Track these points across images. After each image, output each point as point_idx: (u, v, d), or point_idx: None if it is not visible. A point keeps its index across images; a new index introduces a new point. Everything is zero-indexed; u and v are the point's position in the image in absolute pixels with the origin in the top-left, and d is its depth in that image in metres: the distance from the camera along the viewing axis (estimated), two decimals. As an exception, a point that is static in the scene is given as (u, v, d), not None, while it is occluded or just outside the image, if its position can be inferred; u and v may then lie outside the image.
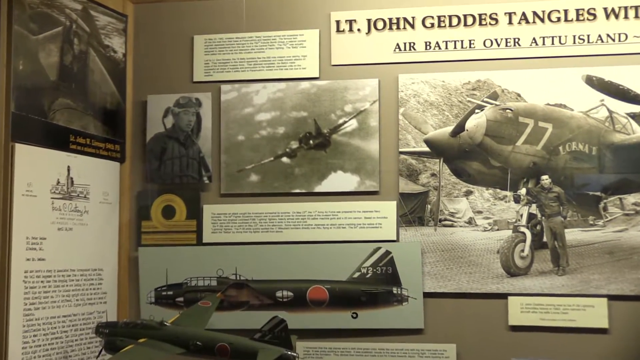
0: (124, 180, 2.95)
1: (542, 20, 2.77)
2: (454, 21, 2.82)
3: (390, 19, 2.85)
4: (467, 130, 2.80)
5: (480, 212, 2.79)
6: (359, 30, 2.86)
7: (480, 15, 2.81)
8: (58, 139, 2.63)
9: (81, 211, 2.72)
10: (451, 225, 2.80)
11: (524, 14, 2.79)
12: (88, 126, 2.78)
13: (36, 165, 2.53)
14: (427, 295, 2.78)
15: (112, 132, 2.89)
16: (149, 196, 2.94)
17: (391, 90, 2.86)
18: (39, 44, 2.54)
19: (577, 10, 2.75)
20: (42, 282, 2.54)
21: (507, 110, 2.77)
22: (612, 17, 2.73)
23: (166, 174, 2.94)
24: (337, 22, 2.88)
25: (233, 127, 2.93)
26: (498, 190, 2.79)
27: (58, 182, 2.63)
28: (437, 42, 2.84)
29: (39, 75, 2.55)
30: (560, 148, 2.74)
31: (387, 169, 2.85)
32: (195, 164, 2.92)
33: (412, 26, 2.84)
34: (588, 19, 2.76)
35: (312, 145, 2.87)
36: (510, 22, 2.79)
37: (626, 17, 2.72)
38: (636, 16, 2.72)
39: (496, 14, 2.80)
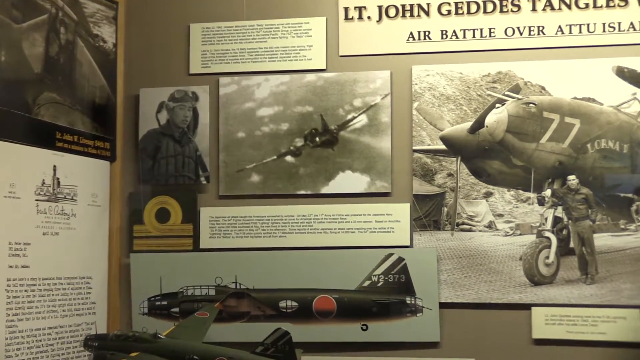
0: (114, 181, 2.93)
1: (569, 6, 2.76)
2: (473, 8, 2.80)
3: (403, 6, 2.85)
4: (486, 126, 2.77)
5: (501, 216, 2.77)
6: (369, 17, 2.85)
7: (501, 1, 2.79)
8: (43, 136, 2.61)
9: (68, 214, 2.70)
10: (469, 230, 2.78)
11: (549, 0, 2.76)
12: (75, 122, 2.76)
13: (19, 165, 2.51)
14: (443, 305, 2.76)
15: (101, 128, 2.87)
16: (142, 198, 2.92)
17: (404, 83, 2.84)
18: (23, 33, 2.52)
19: (607, -4, 2.71)
20: (25, 291, 2.53)
21: (531, 105, 2.75)
22: (645, 3, 2.68)
23: (160, 174, 2.93)
24: (346, 9, 2.87)
25: (233, 123, 2.90)
26: (520, 191, 2.76)
27: (43, 183, 2.61)
28: (454, 31, 2.82)
29: (23, 67, 2.53)
30: (589, 146, 2.72)
31: (400, 168, 2.83)
32: (191, 163, 2.91)
33: (427, 13, 2.83)
34: (619, 5, 2.74)
35: (319, 143, 2.85)
36: (534, 9, 2.78)
37: (661, 3, 2.66)
38: (672, 2, 2.66)
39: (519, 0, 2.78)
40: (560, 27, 2.77)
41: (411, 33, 2.84)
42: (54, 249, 2.64)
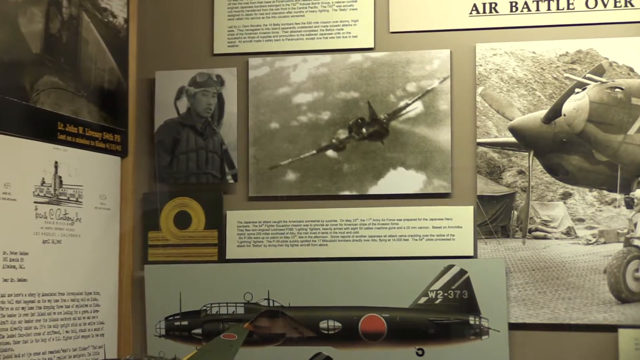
0: (126, 180, 2.89)
1: (664, -28, 2.68)
2: (547, -25, 2.74)
3: (465, -27, 2.79)
4: (564, 115, 2.71)
5: (581, 221, 2.72)
6: (425, -13, 2.80)
7: (582, -33, 2.72)
8: (43, 127, 2.56)
9: (72, 219, 2.68)
10: (544, 237, 2.72)
11: (639, -35, 2.69)
12: (81, 111, 2.72)
13: (15, 161, 2.47)
14: (513, 326, 2.70)
15: (111, 118, 2.84)
16: (158, 200, 2.90)
17: (466, 64, 2.77)
18: (19, 7, 2.48)
19: None
20: (23, 309, 2.50)
21: (617, 90, 2.70)
22: None
23: (180, 171, 2.90)
24: (397, -23, 2.82)
25: (264, 112, 2.87)
26: (605, 192, 2.71)
27: (43, 183, 2.58)
28: (525, 3, 2.75)
29: (19, 46, 2.49)
30: (687, 138, 2.64)
31: (462, 165, 2.76)
32: (216, 159, 2.88)
33: (494, -18, 2.77)
34: None
35: (366, 135, 2.81)
36: (621, -24, 2.70)
37: None
38: None
39: (603, -35, 2.72)
40: (653, -3, 2.68)
41: (474, 5, 2.78)
42: (56, 259, 2.61)
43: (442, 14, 2.79)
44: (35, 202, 2.55)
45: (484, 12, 2.78)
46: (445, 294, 2.72)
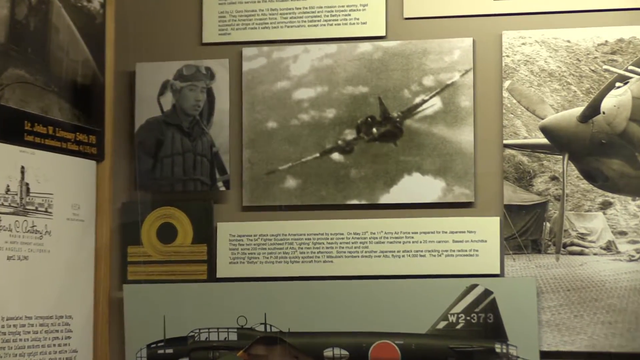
0: (102, 187, 2.85)
1: None
2: (584, -48, 2.73)
3: (489, -49, 2.77)
4: (603, 112, 2.68)
5: (623, 234, 2.67)
6: (443, -32, 2.79)
7: (623, -57, 2.69)
8: (8, 126, 2.52)
9: (41, 232, 2.64)
10: (581, 253, 2.69)
11: (691, -60, 2.65)
12: (51, 108, 2.68)
13: None
14: (545, 355, 2.65)
15: (85, 117, 2.79)
16: (139, 210, 2.89)
17: (492, 54, 2.74)
18: None
19: None
20: None
21: None
22: None
23: (164, 177, 2.87)
24: (412, -45, 2.80)
25: (261, 110, 2.84)
26: None
27: (7, 190, 2.53)
28: None
29: None
30: None
31: (486, 169, 2.73)
32: (205, 163, 2.85)
33: (523, -39, 2.75)
34: None
35: (376, 136, 2.78)
36: (670, -48, 2.66)
37: None
38: None
39: (648, -61, 2.68)
40: None
41: (501, -13, 2.75)
42: (22, 278, 2.58)
43: (464, -2, 2.79)
44: (-2, 213, 2.53)
45: (512, -5, 2.76)
46: (468, 318, 2.71)
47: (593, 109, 2.70)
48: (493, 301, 2.69)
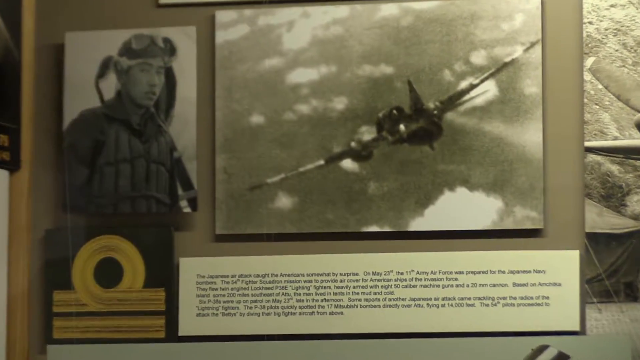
0: (17, 208, 2.72)
1: None
2: None
3: None
4: None
5: None
6: None
7: None
8: None
9: None
10: None
11: None
12: None
13: None
14: None
15: None
16: (70, 240, 2.74)
17: (568, 21, 2.58)
18: None
19: None
20: None
21: None
22: None
23: (104, 194, 2.73)
24: None
25: (241, 99, 2.70)
26: None
27: None
28: None
29: None
30: None
31: (561, 183, 2.58)
32: (163, 173, 2.71)
33: None
34: None
35: (405, 135, 2.62)
36: None
37: None
38: None
39: None
40: None
41: None
42: None
43: (529, -60, 2.68)
44: None
45: None
46: (538, 392, 2.65)
47: None
48: (570, 369, 2.59)
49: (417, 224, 2.62)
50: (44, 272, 2.73)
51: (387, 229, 2.63)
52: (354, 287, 2.63)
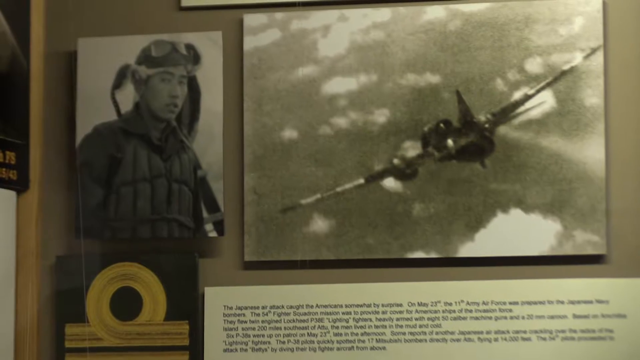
0: (25, 231, 2.66)
1: None
2: None
3: None
4: None
5: None
6: None
7: None
8: None
9: None
10: None
11: None
12: None
13: None
14: None
15: (0, 123, 2.63)
16: (83, 268, 2.66)
17: (631, 24, 2.55)
18: None
19: None
20: None
21: None
22: None
23: (121, 217, 2.66)
24: None
25: (272, 112, 2.63)
26: None
27: None
28: None
29: None
30: None
31: (625, 203, 2.53)
32: (186, 194, 2.64)
33: None
34: None
35: (453, 151, 2.57)
36: None
37: None
38: None
39: None
40: None
41: None
42: None
43: None
44: None
45: None
46: None
47: None
48: (640, 415, 2.57)
49: (467, 250, 2.55)
50: (55, 303, 2.67)
51: (433, 255, 2.57)
52: (398, 320, 2.56)
